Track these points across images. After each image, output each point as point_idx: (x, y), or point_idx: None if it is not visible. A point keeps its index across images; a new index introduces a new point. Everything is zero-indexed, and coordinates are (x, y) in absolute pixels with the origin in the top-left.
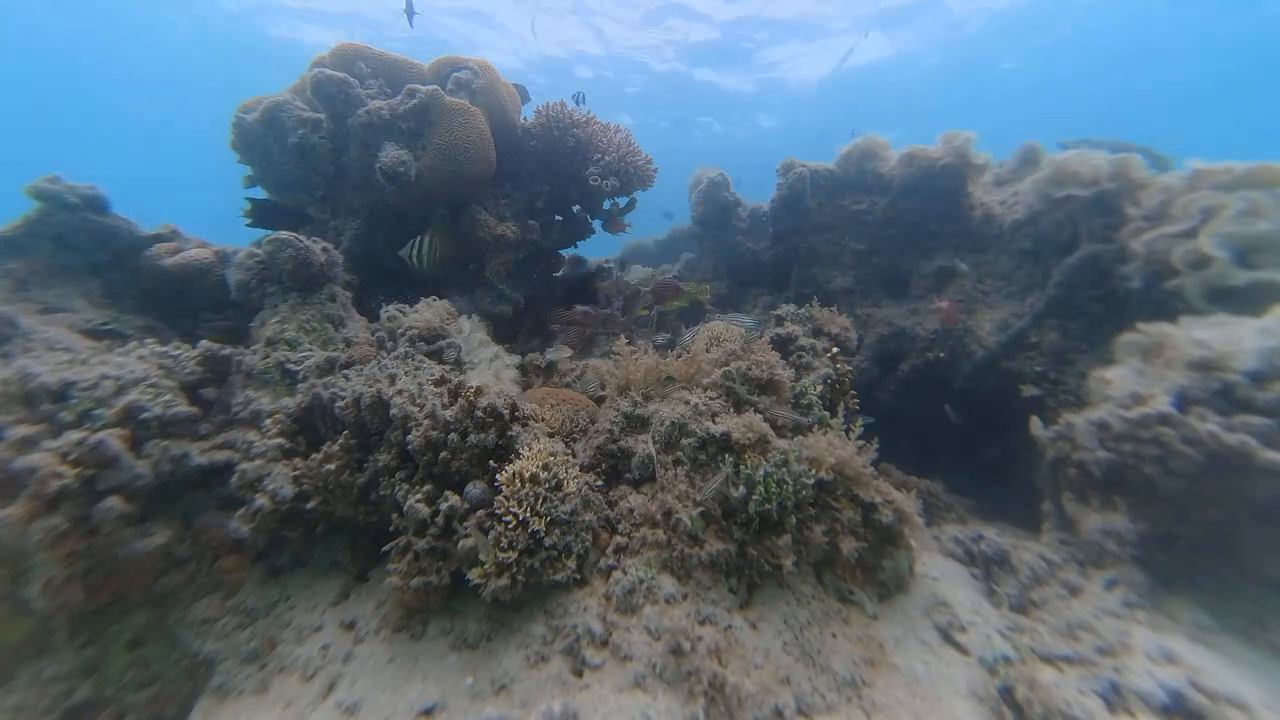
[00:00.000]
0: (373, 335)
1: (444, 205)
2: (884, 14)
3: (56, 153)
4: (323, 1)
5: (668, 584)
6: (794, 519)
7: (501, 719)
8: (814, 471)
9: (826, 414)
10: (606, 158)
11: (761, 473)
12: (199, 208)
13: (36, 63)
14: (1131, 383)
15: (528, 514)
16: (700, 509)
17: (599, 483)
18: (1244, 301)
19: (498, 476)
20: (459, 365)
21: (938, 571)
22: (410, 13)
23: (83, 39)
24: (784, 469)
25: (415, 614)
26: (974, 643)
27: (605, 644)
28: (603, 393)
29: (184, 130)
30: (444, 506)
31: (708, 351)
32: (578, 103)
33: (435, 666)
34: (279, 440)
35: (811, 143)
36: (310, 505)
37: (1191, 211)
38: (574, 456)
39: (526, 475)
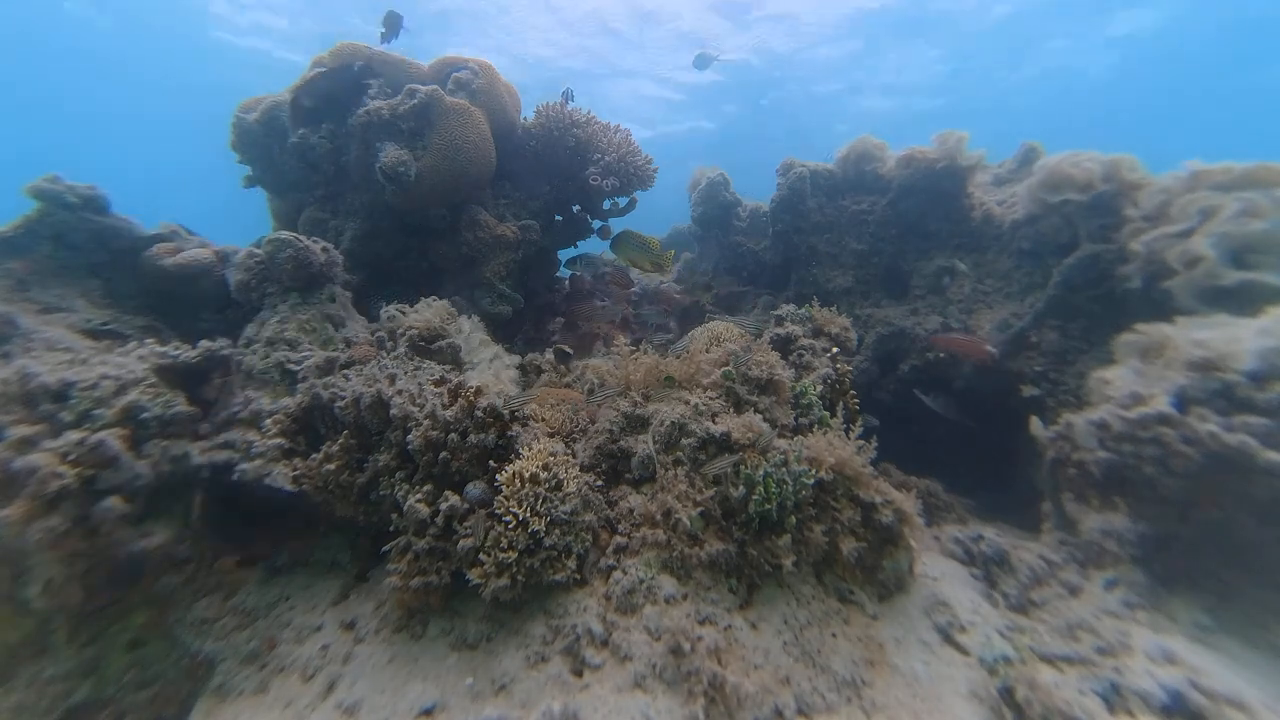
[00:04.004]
0: (373, 335)
1: (444, 205)
2: None
3: (56, 150)
4: None
5: (668, 584)
6: (794, 519)
7: (501, 719)
8: (814, 471)
9: (826, 414)
10: (606, 158)
11: (761, 473)
12: (200, 204)
13: (36, 59)
14: (1131, 383)
15: (528, 514)
16: (700, 509)
17: (599, 483)
18: (1240, 301)
19: (498, 476)
20: (459, 365)
21: (938, 571)
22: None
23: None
24: (784, 469)
25: (415, 614)
26: (974, 643)
27: (605, 644)
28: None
29: (183, 127)
30: (444, 506)
31: (708, 351)
32: (566, 99)
33: (435, 667)
34: (279, 440)
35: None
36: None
37: (1190, 212)
38: (574, 456)
39: (526, 475)
